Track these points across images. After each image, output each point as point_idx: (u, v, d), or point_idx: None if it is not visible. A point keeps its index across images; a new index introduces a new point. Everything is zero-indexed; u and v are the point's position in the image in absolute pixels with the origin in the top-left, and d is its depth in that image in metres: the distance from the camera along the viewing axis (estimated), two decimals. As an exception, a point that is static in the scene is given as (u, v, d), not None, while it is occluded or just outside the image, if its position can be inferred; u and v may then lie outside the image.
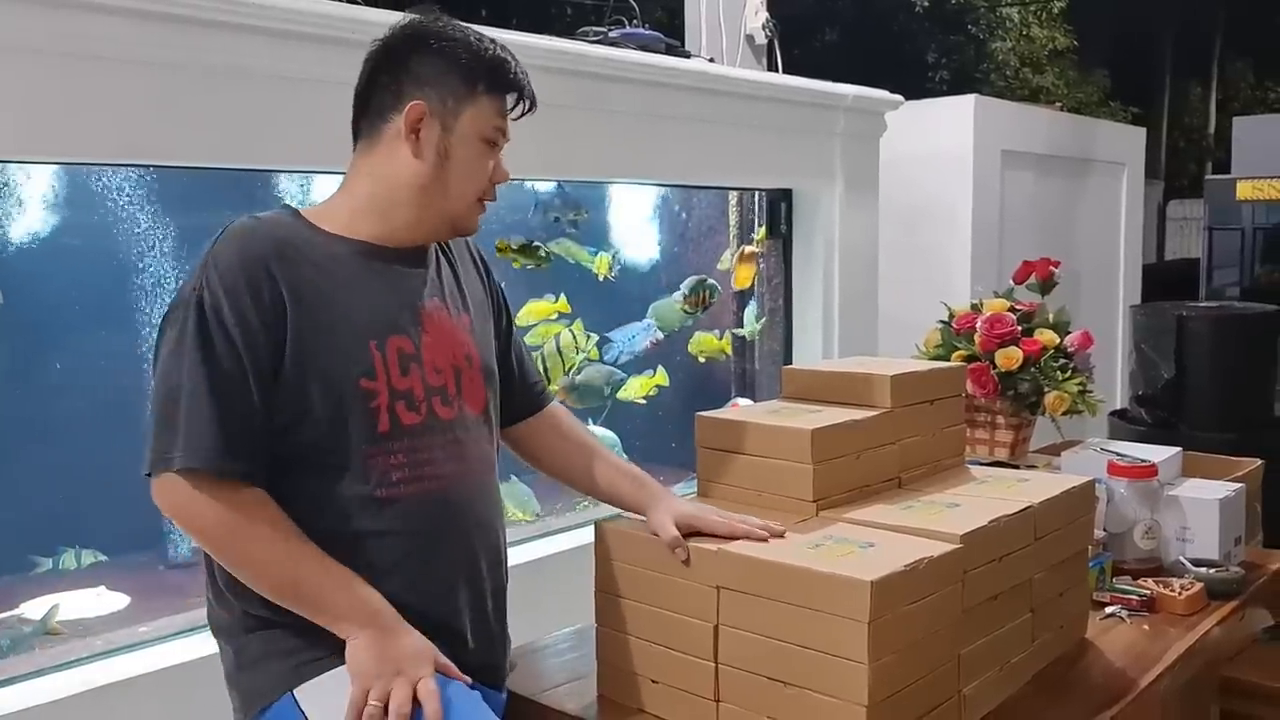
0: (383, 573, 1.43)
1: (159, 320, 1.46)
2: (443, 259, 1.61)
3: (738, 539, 1.52)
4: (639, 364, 3.51)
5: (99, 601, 2.35)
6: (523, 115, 1.57)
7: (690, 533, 1.54)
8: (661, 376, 3.50)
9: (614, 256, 3.35)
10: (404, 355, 1.47)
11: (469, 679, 1.44)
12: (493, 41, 1.54)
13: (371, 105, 1.51)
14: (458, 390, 1.52)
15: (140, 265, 2.45)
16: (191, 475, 1.35)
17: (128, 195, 2.41)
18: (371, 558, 1.43)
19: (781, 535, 1.52)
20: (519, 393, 1.73)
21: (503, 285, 1.76)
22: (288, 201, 2.56)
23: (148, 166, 2.33)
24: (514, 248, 3.06)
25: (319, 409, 1.41)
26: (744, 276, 3.68)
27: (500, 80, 1.52)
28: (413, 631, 1.41)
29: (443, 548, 1.49)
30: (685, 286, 3.54)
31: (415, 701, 1.34)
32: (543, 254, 3.16)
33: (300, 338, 1.40)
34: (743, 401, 3.62)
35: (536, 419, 1.75)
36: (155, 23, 2.02)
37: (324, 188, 2.60)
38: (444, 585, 1.49)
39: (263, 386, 1.39)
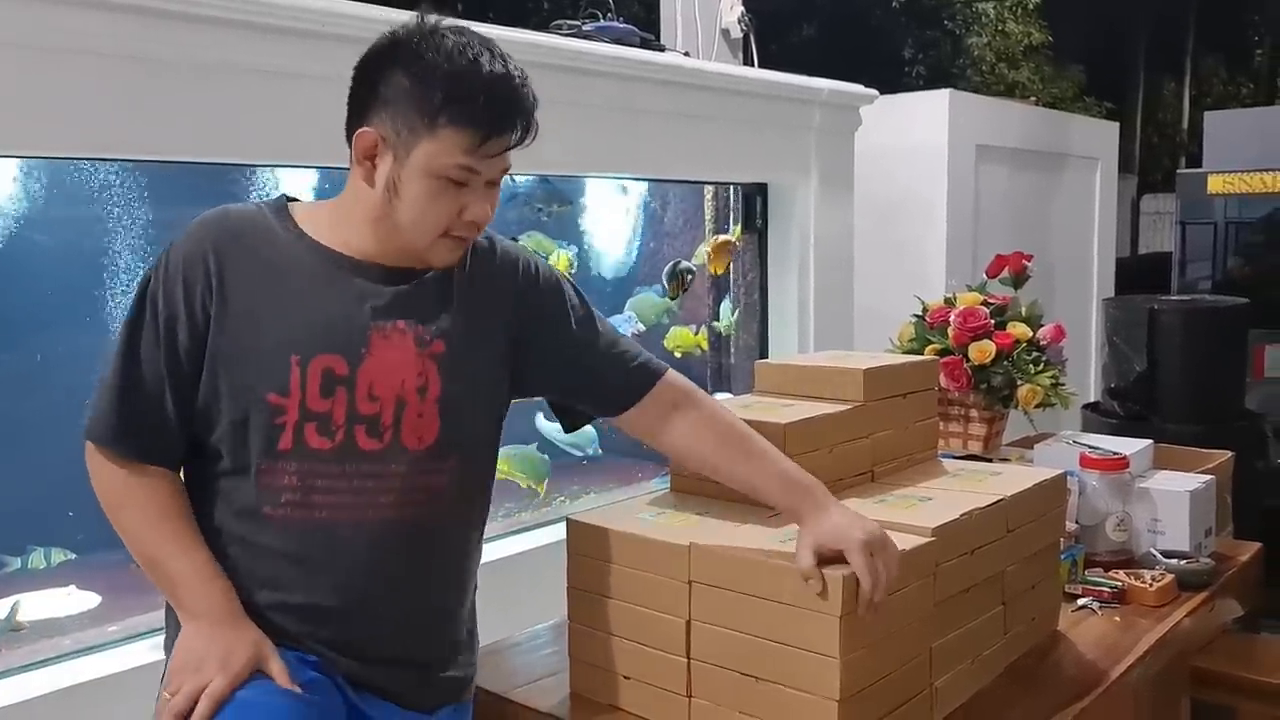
0: (261, 584, 1.42)
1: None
2: (446, 278, 1.48)
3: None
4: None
5: (69, 601, 2.32)
6: (513, 148, 1.42)
7: (833, 557, 1.38)
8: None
9: (573, 255, 3.32)
10: (330, 377, 1.39)
11: (298, 688, 1.36)
12: (478, 60, 1.35)
13: (349, 117, 1.44)
14: (394, 422, 1.41)
15: (110, 260, 2.43)
16: (98, 445, 1.42)
17: (98, 188, 2.39)
18: (252, 567, 1.42)
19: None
20: (599, 393, 1.59)
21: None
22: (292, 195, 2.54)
23: (123, 161, 2.31)
24: None
25: (226, 412, 1.40)
26: (718, 264, 3.65)
27: (466, 111, 1.34)
28: (243, 632, 1.38)
29: (325, 577, 1.42)
30: (665, 274, 3.54)
31: None
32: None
33: (222, 340, 1.39)
34: (722, 396, 3.62)
35: (639, 407, 1.57)
36: (133, 16, 2.00)
37: (298, 182, 2.59)
38: (325, 611, 1.43)
39: (176, 377, 1.40)
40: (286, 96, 2.21)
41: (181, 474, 1.48)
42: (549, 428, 3.30)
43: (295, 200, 1.52)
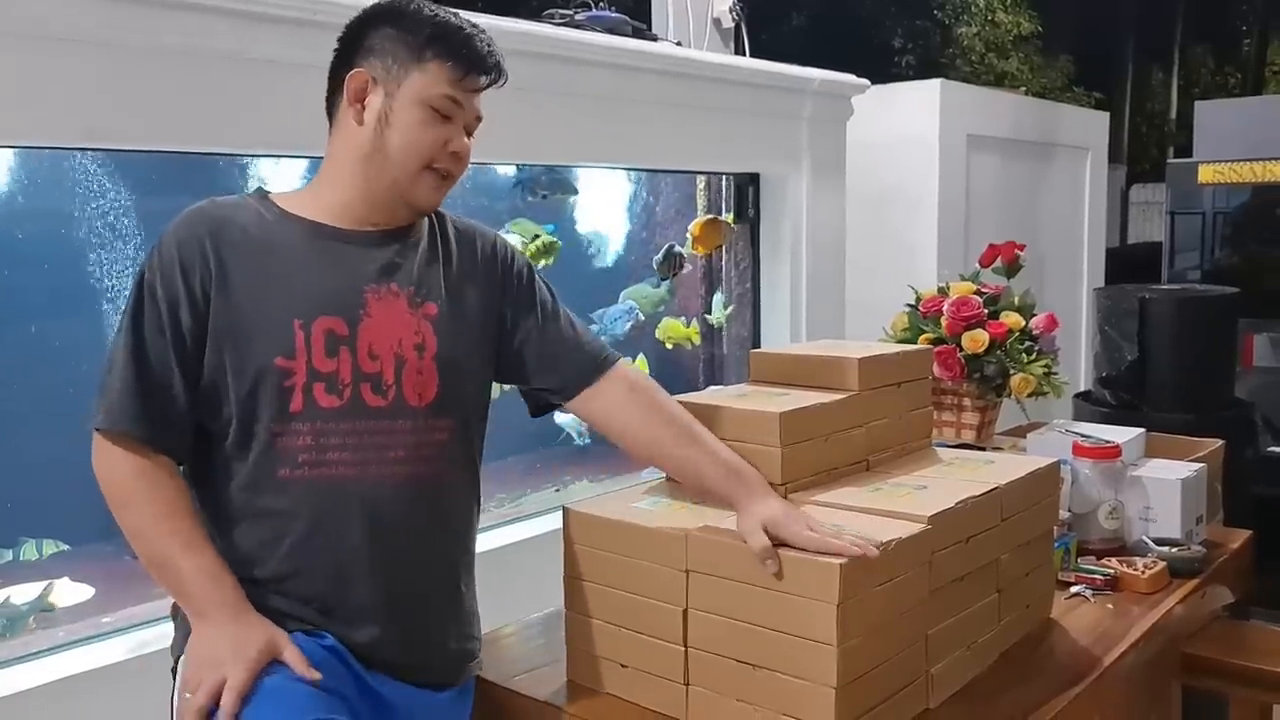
0: (282, 554, 1.46)
1: (120, 305, 1.56)
2: (432, 248, 1.57)
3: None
4: (619, 351, 3.49)
5: (62, 592, 2.32)
6: (488, 86, 1.54)
7: (777, 543, 1.41)
8: (641, 363, 3.48)
9: (555, 234, 3.31)
10: (333, 337, 1.46)
11: (317, 675, 1.39)
12: (456, 14, 1.53)
13: (332, 85, 1.54)
14: (396, 379, 1.48)
15: (99, 251, 2.42)
16: (109, 436, 1.44)
17: (81, 180, 2.37)
18: (271, 536, 1.46)
19: (876, 553, 1.38)
20: (556, 374, 1.64)
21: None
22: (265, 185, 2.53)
23: (104, 151, 2.29)
24: None
25: (234, 388, 1.45)
26: (705, 243, 3.59)
27: (451, 47, 1.49)
28: (253, 624, 1.41)
29: (342, 535, 1.46)
30: (661, 254, 3.53)
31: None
32: (543, 244, 3.15)
33: (224, 317, 1.45)
34: (713, 388, 3.61)
35: (594, 389, 1.63)
36: (114, 2, 1.99)
37: (284, 172, 2.58)
38: (342, 572, 1.47)
39: (184, 360, 1.45)
40: (273, 85, 2.20)
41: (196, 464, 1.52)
42: (566, 420, 3.33)
43: (270, 192, 1.60)
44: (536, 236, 3.23)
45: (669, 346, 3.68)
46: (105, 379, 1.46)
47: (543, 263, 3.19)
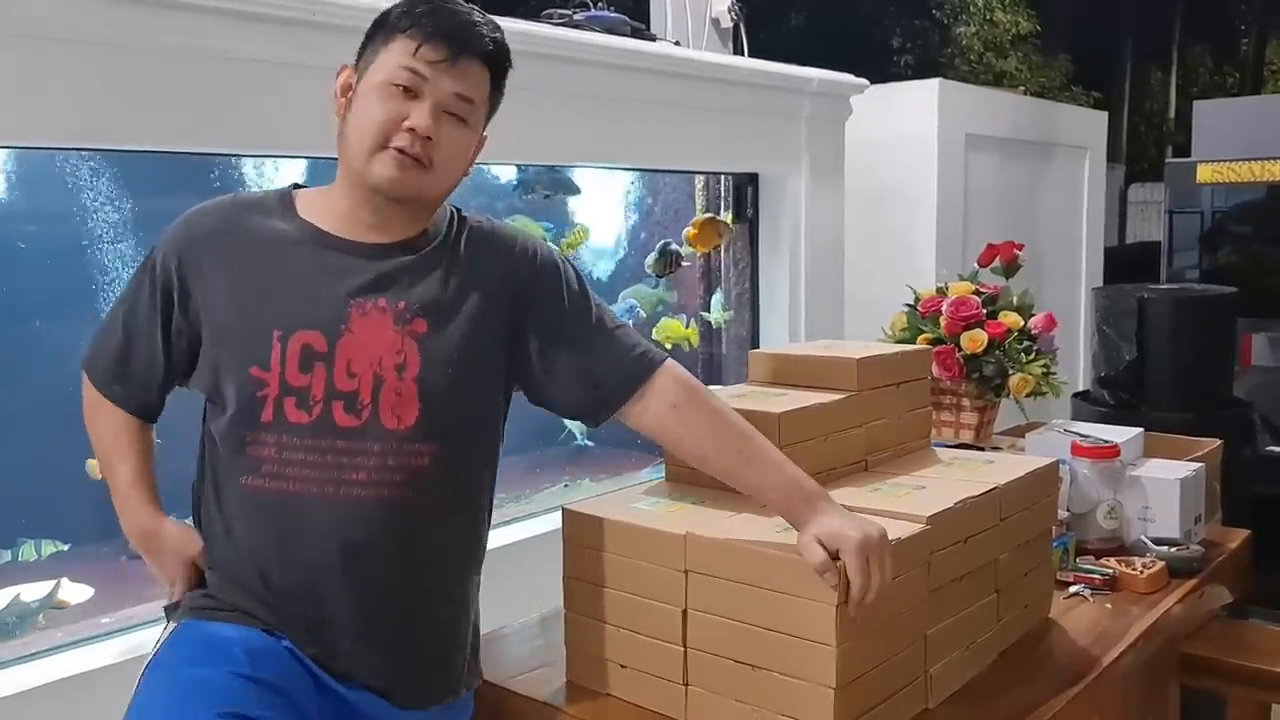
0: (244, 557, 1.47)
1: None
2: (438, 260, 1.49)
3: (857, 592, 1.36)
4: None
5: (67, 591, 2.32)
6: (456, 57, 1.42)
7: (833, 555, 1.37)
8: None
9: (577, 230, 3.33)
10: (309, 352, 1.42)
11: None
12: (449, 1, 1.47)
13: None
14: (372, 400, 1.42)
15: (94, 252, 2.42)
16: (89, 378, 1.58)
17: (84, 180, 2.37)
18: (236, 536, 1.48)
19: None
20: (591, 382, 1.54)
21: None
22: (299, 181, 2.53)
23: (101, 151, 2.30)
24: None
25: (223, 385, 1.46)
26: (703, 241, 3.55)
27: (412, 19, 1.42)
28: (158, 554, 1.58)
29: (300, 550, 1.43)
30: (655, 252, 3.54)
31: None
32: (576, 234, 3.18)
33: (216, 318, 1.46)
34: (712, 388, 3.61)
35: (635, 405, 1.53)
36: (115, 2, 1.99)
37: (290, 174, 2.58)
38: (301, 585, 1.44)
39: (165, 336, 1.50)
40: (274, 85, 2.20)
41: (202, 456, 1.56)
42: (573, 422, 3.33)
43: (303, 187, 1.56)
44: (574, 227, 3.31)
45: (668, 347, 3.68)
46: (102, 327, 1.58)
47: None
